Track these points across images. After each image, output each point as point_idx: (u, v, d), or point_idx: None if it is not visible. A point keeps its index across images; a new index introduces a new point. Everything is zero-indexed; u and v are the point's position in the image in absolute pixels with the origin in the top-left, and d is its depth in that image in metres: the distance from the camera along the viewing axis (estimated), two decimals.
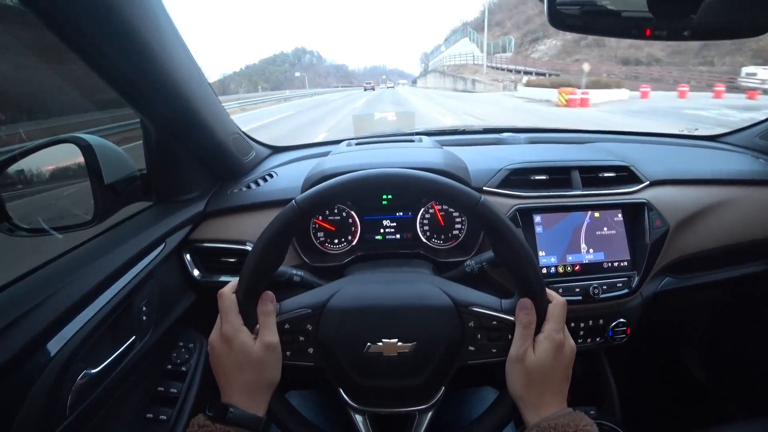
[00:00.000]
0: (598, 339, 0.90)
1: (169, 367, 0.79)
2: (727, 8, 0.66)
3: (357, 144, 1.05)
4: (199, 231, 0.87)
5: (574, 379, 1.07)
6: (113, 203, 0.73)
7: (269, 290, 0.55)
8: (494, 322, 0.54)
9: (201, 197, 0.89)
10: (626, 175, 0.93)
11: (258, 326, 0.53)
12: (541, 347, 0.51)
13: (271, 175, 0.97)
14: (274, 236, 0.52)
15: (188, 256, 0.85)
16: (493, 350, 0.54)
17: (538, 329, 0.52)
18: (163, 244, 0.78)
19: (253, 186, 0.93)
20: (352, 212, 0.90)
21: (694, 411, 0.96)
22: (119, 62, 0.59)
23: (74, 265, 0.63)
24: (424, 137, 1.07)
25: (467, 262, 0.75)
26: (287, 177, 0.96)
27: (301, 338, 0.55)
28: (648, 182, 0.93)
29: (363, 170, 0.54)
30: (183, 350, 0.81)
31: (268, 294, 0.54)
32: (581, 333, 0.89)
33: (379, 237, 0.91)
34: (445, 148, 1.02)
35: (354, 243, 0.90)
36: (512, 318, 0.53)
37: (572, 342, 0.53)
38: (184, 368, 0.79)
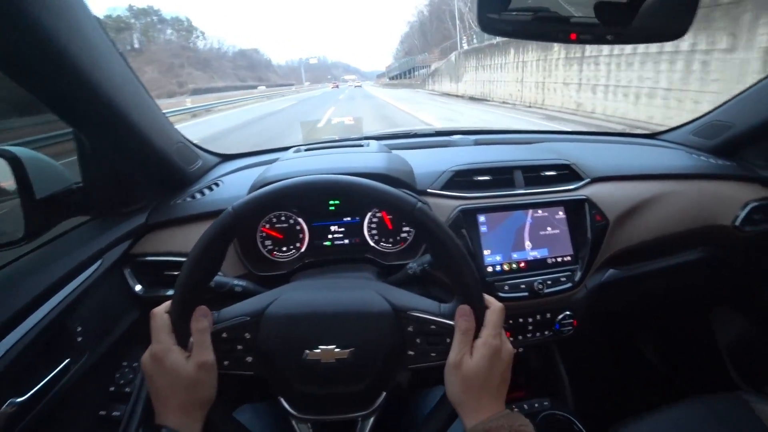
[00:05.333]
0: (546, 332, 0.93)
1: (113, 389, 0.76)
2: (652, 15, 0.70)
3: (306, 150, 1.05)
4: (141, 245, 0.85)
5: (530, 373, 1.11)
6: (46, 219, 0.70)
7: (210, 303, 0.54)
8: (433, 327, 0.55)
9: (143, 210, 0.87)
10: (568, 173, 0.97)
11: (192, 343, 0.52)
12: (478, 353, 0.51)
13: (217, 184, 0.95)
14: (208, 247, 0.51)
15: (129, 271, 0.82)
16: (432, 354, 0.55)
17: (476, 335, 0.53)
18: (101, 260, 0.75)
19: (198, 196, 0.91)
20: (300, 219, 0.89)
21: (647, 393, 1.00)
22: (39, 69, 0.55)
23: None
24: (372, 141, 1.08)
25: (409, 265, 0.76)
26: (233, 185, 0.94)
27: (239, 347, 0.54)
28: (589, 179, 0.97)
29: (301, 177, 0.54)
30: (127, 370, 0.78)
31: (202, 309, 0.53)
32: (530, 327, 0.91)
33: (327, 243, 0.91)
34: (394, 151, 1.03)
35: (303, 250, 0.90)
36: (450, 322, 0.53)
37: (510, 346, 0.54)
38: (128, 389, 0.76)
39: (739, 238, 1.09)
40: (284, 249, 0.90)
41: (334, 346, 0.52)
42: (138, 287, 0.82)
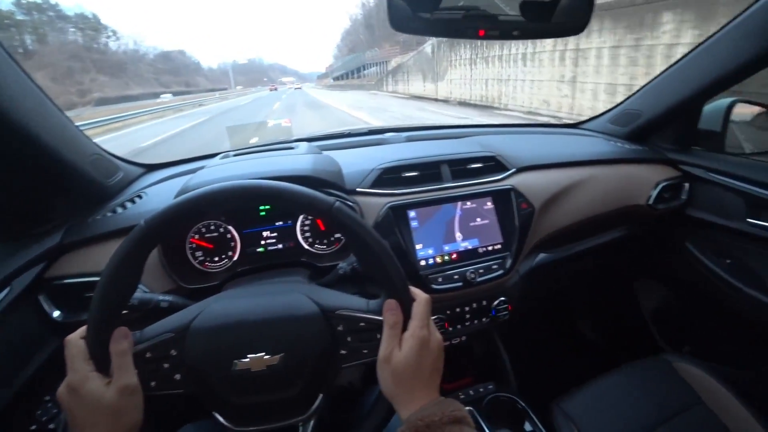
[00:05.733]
0: (483, 319, 0.97)
1: (34, 427, 0.70)
2: (558, 13, 0.75)
3: (235, 155, 1.02)
4: (57, 267, 0.79)
5: (475, 360, 1.14)
6: None
7: (135, 322, 0.52)
8: (362, 324, 0.55)
9: (57, 229, 0.81)
10: (493, 165, 1.01)
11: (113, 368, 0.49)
12: (407, 345, 0.52)
13: (140, 196, 0.91)
14: (121, 264, 0.48)
15: (45, 296, 0.76)
16: (365, 351, 0.55)
17: (404, 328, 0.53)
18: (8, 288, 0.70)
19: (119, 210, 0.86)
20: (230, 227, 0.87)
21: (585, 366, 1.06)
22: None
23: None
24: (303, 144, 1.07)
25: (340, 265, 0.76)
26: (157, 197, 0.90)
27: (166, 365, 0.52)
28: (514, 169, 1.01)
29: (212, 185, 0.52)
30: (50, 405, 0.73)
31: (121, 330, 0.50)
32: (467, 316, 0.95)
33: (261, 249, 0.89)
34: (325, 153, 1.03)
35: (235, 258, 0.87)
36: (379, 318, 0.54)
37: (438, 336, 0.55)
38: (52, 425, 0.71)
39: (653, 216, 1.18)
40: (216, 259, 0.87)
41: (263, 354, 0.51)
42: (56, 313, 0.77)
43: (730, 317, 1.17)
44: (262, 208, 0.88)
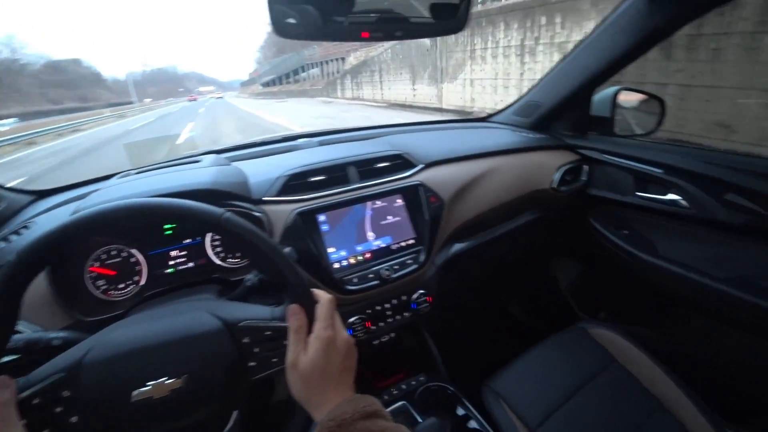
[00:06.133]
0: (405, 314, 0.99)
1: None
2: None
3: (136, 173, 0.98)
4: None
5: (406, 354, 1.17)
6: None
7: (23, 368, 0.48)
8: (268, 333, 0.55)
9: None
10: (401, 162, 1.04)
11: None
12: (312, 347, 0.52)
13: (27, 227, 0.84)
14: None
15: None
16: (274, 360, 0.55)
17: (310, 331, 0.53)
18: None
19: (2, 244, 0.80)
20: (133, 251, 0.83)
21: (513, 345, 1.12)
22: None
23: None
24: (210, 156, 1.05)
25: (247, 277, 0.75)
26: (47, 226, 0.85)
27: (59, 409, 0.48)
28: (422, 165, 1.05)
29: (90, 209, 0.50)
30: None
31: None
32: (388, 313, 0.97)
33: (170, 270, 0.85)
34: (234, 163, 1.01)
35: (143, 283, 0.83)
36: (285, 324, 0.54)
37: (345, 335, 0.56)
38: None
39: (557, 198, 1.28)
40: (121, 286, 0.82)
41: (165, 378, 0.50)
42: None
43: (633, 282, 1.29)
44: (167, 226, 0.85)
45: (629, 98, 1.41)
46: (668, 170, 1.16)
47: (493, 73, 9.18)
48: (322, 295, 0.57)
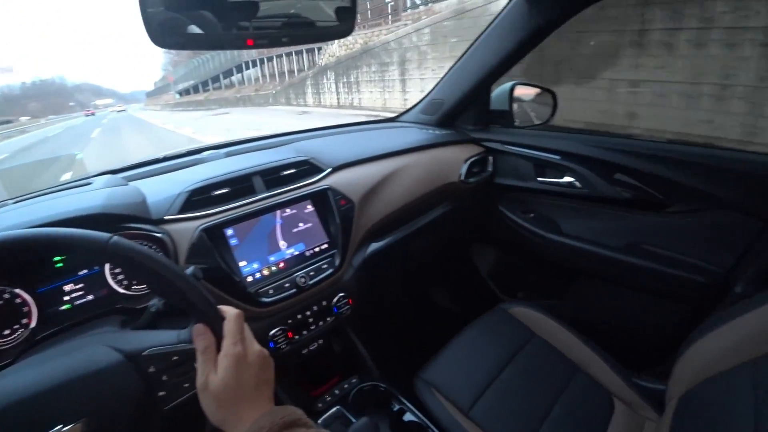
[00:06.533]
0: (328, 319, 0.99)
1: None
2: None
3: (15, 203, 0.88)
4: None
5: (337, 359, 1.17)
6: None
7: None
8: (175, 357, 0.52)
9: None
10: (308, 168, 1.04)
11: None
12: (222, 366, 0.50)
13: None
14: None
15: None
16: (185, 385, 0.52)
17: (219, 349, 0.51)
18: None
19: None
20: (17, 290, 0.73)
21: (443, 334, 1.15)
22: None
23: None
24: (103, 177, 0.97)
25: (151, 303, 0.70)
26: None
27: None
28: (329, 169, 1.06)
29: None
30: None
31: None
32: (310, 320, 0.96)
33: (66, 307, 0.77)
34: (132, 183, 0.95)
35: (33, 325, 0.74)
36: (193, 346, 0.51)
37: (257, 348, 0.54)
38: None
39: (466, 189, 1.35)
40: (6, 332, 0.72)
41: (60, 426, 0.45)
42: None
43: (543, 260, 1.39)
44: (57, 258, 0.77)
45: (526, 92, 1.52)
46: (564, 156, 1.28)
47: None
48: (229, 311, 0.55)
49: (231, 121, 14.90)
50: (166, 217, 0.84)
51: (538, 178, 1.35)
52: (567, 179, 1.29)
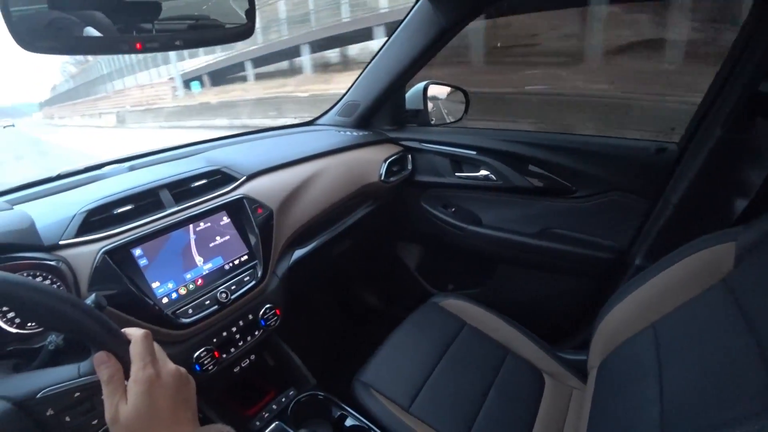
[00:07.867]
0: (256, 333, 0.95)
1: None
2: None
3: None
4: None
5: (272, 373, 1.12)
6: None
7: None
8: (78, 394, 0.47)
9: None
10: (220, 178, 0.98)
11: None
12: (132, 393, 0.45)
13: None
14: None
15: None
16: (94, 423, 0.47)
17: (128, 376, 0.46)
18: None
19: None
20: None
21: (379, 335, 1.14)
22: None
23: None
24: None
25: (48, 339, 0.62)
26: None
27: None
28: (244, 178, 1.01)
29: None
30: None
31: None
32: (237, 336, 0.91)
33: None
34: (17, 207, 0.83)
35: None
36: (97, 378, 0.46)
37: (171, 367, 0.50)
38: None
39: (388, 188, 1.37)
40: None
41: None
42: None
43: (467, 251, 1.45)
44: None
45: (440, 91, 1.58)
46: (479, 151, 1.34)
47: None
48: (134, 333, 0.50)
49: None
50: (60, 242, 0.75)
51: (456, 174, 1.40)
52: (483, 173, 1.36)
